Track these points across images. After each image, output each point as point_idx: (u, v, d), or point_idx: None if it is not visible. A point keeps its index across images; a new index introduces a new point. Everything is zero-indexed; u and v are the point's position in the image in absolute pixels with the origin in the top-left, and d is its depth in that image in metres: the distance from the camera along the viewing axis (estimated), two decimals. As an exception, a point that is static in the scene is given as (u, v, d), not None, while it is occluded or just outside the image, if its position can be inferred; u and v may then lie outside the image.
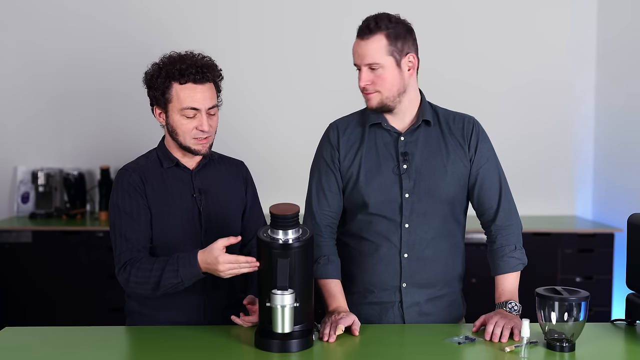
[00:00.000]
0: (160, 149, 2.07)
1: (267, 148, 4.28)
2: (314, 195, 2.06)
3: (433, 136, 2.02)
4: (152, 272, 1.88)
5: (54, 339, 1.87)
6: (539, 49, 4.31)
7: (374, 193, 1.99)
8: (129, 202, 1.98)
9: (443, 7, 4.27)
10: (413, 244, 2.00)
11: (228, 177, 2.12)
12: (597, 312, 3.80)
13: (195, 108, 1.95)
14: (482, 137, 2.05)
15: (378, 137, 2.03)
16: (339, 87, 4.22)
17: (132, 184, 1.99)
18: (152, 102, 2.02)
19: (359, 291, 2.06)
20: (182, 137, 1.98)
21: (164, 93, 1.96)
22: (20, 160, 4.29)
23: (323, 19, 4.27)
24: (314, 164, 2.10)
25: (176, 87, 1.95)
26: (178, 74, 1.94)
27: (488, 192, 2.04)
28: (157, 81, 1.97)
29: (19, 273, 3.82)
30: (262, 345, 1.74)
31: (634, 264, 1.95)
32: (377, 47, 1.92)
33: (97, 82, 4.27)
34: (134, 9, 4.25)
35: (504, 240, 2.03)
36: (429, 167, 2.00)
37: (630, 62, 3.95)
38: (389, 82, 1.94)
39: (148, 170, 2.03)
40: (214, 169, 2.10)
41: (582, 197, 4.41)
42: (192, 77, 1.94)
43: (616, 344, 1.85)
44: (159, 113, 2.01)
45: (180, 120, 1.96)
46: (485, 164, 2.04)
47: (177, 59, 1.98)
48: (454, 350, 1.76)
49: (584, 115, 4.37)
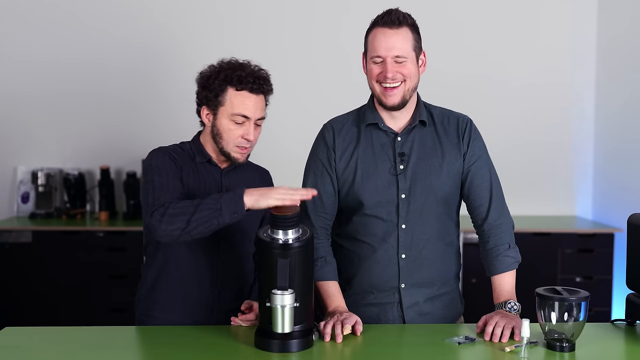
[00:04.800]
0: (195, 143, 2.08)
1: (268, 148, 4.27)
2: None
3: (428, 136, 2.02)
4: (193, 202, 1.82)
5: (54, 339, 1.87)
6: (539, 50, 4.32)
7: (370, 194, 1.99)
8: (171, 166, 1.97)
9: (443, 7, 4.27)
10: (410, 244, 1.99)
11: (253, 183, 2.11)
12: (597, 312, 3.80)
13: (246, 116, 1.97)
14: (475, 136, 2.05)
15: (374, 138, 2.02)
16: (337, 86, 4.23)
17: (170, 158, 1.99)
18: (202, 101, 2.03)
19: (357, 293, 2.05)
20: (226, 142, 2.00)
21: (218, 95, 1.98)
22: (20, 160, 4.30)
23: (320, 18, 4.27)
24: (309, 164, 2.08)
25: (231, 92, 1.97)
26: (236, 80, 1.97)
27: (479, 189, 2.03)
28: (213, 82, 1.99)
29: (19, 273, 3.82)
30: (262, 345, 1.74)
31: (634, 264, 1.95)
32: (407, 38, 1.92)
33: (97, 82, 4.27)
34: (134, 10, 4.25)
35: (497, 240, 2.02)
36: (425, 167, 1.99)
37: (630, 62, 3.95)
38: (412, 74, 1.94)
39: (181, 156, 2.04)
40: (242, 172, 2.12)
41: (582, 197, 4.41)
42: (249, 86, 1.97)
43: (616, 344, 1.85)
44: (207, 114, 2.03)
45: (229, 125, 1.98)
46: (477, 162, 2.03)
47: (237, 66, 2.00)
48: (454, 350, 1.76)
49: (584, 115, 4.37)
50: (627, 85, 3.99)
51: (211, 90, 1.99)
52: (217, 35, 4.24)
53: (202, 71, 2.05)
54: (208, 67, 2.05)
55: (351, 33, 4.29)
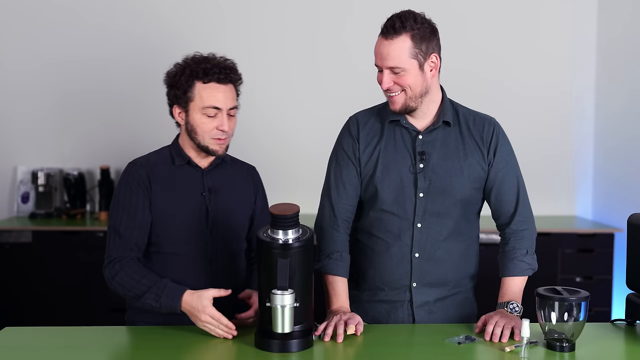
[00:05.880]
0: (174, 146, 2.08)
1: (279, 148, 4.27)
2: (333, 186, 2.04)
3: (452, 137, 2.01)
4: (138, 285, 1.92)
5: (54, 339, 1.87)
6: (539, 50, 4.31)
7: (389, 189, 1.98)
8: (129, 197, 1.98)
9: (443, 6, 4.26)
10: (425, 243, 1.99)
11: (239, 180, 2.12)
12: (597, 312, 3.80)
13: (217, 107, 1.97)
14: (502, 141, 2.03)
15: (397, 134, 2.01)
16: (341, 83, 4.23)
17: (136, 179, 1.99)
18: (173, 101, 2.03)
19: (370, 289, 2.06)
20: (202, 136, 1.99)
21: (186, 91, 1.98)
22: (20, 160, 4.29)
23: (325, 20, 4.27)
24: (333, 155, 2.08)
25: (199, 85, 1.97)
26: (202, 73, 1.96)
27: (506, 195, 2.02)
28: (180, 79, 1.98)
29: (19, 273, 3.82)
30: (262, 345, 1.74)
31: (634, 264, 1.95)
32: (401, 49, 1.88)
33: (97, 82, 4.27)
34: (134, 9, 4.25)
35: (517, 244, 2.02)
36: (445, 167, 1.98)
37: (631, 62, 3.95)
38: (411, 84, 1.92)
39: (157, 166, 2.03)
40: (225, 170, 2.11)
41: (582, 197, 4.41)
42: (215, 77, 1.96)
43: (616, 344, 1.85)
44: (179, 112, 2.02)
45: (201, 119, 1.97)
46: (504, 168, 2.02)
47: (202, 60, 1.99)
48: (454, 350, 1.76)
49: (584, 115, 4.37)
50: (627, 85, 3.99)
51: (179, 88, 1.98)
52: (225, 35, 4.23)
53: (169, 70, 2.04)
54: (174, 65, 2.03)
55: (354, 35, 4.28)
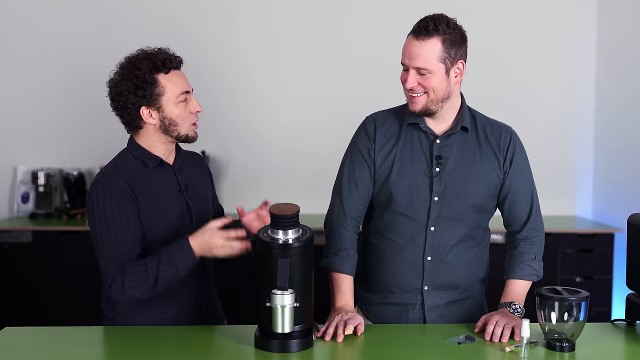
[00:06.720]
0: (137, 150, 2.00)
1: (285, 146, 4.28)
2: (345, 184, 2.04)
3: (469, 142, 2.01)
4: (148, 271, 1.84)
5: (54, 339, 1.87)
6: (540, 51, 4.32)
7: (403, 191, 1.98)
8: (118, 211, 1.88)
9: (443, 6, 4.26)
10: (437, 247, 1.99)
11: (197, 170, 2.13)
12: (597, 312, 3.80)
13: (187, 91, 1.97)
14: (519, 150, 2.04)
15: (414, 137, 2.01)
16: (344, 83, 4.23)
17: (120, 192, 1.89)
18: (138, 103, 1.94)
19: (381, 291, 2.06)
20: (182, 126, 1.97)
21: (154, 89, 1.93)
22: (20, 160, 4.30)
23: (327, 19, 4.28)
24: (348, 154, 2.08)
25: (163, 78, 1.94)
26: (161, 65, 1.94)
27: (520, 204, 2.03)
28: (144, 79, 1.92)
29: (18, 273, 3.82)
30: (262, 345, 1.74)
31: (634, 264, 1.95)
32: (431, 51, 1.88)
33: (97, 82, 4.25)
34: (133, 9, 4.25)
35: (527, 249, 2.02)
36: (461, 172, 1.98)
37: (631, 62, 3.95)
38: (435, 87, 1.91)
39: (133, 174, 1.95)
40: (186, 163, 2.10)
41: (582, 197, 4.41)
42: (174, 64, 1.97)
43: (616, 344, 1.85)
44: (148, 113, 1.95)
45: (178, 108, 1.96)
46: (520, 177, 2.03)
47: (151, 55, 1.96)
48: (454, 350, 1.76)
49: (584, 115, 4.37)
50: (627, 86, 3.99)
51: (145, 89, 1.93)
52: (228, 35, 4.24)
53: (112, 78, 1.99)
54: (115, 73, 1.99)
55: (355, 36, 4.28)
